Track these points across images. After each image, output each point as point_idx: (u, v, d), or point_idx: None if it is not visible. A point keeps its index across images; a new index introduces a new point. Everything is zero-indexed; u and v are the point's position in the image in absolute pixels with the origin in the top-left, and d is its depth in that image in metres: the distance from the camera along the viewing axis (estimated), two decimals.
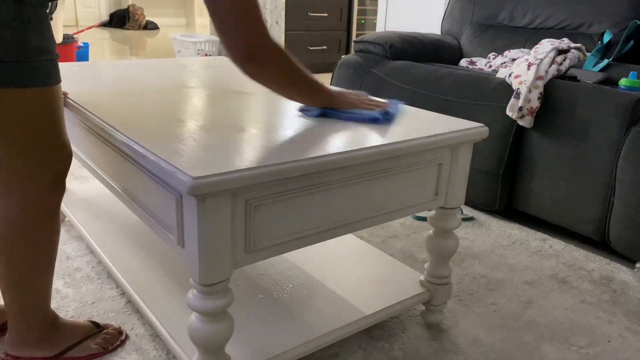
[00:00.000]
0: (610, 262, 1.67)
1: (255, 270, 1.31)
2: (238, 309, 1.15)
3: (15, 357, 1.10)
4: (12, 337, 1.09)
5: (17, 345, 1.09)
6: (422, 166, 1.06)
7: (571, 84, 1.74)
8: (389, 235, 1.78)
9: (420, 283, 1.27)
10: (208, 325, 0.87)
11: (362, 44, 2.49)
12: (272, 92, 1.01)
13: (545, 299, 1.46)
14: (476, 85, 1.94)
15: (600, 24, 2.19)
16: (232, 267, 0.85)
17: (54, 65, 0.92)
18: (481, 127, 1.11)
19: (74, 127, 1.23)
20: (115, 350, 1.17)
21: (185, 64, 1.69)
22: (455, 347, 1.24)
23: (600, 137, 1.63)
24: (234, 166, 0.79)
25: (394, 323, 1.31)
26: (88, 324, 1.19)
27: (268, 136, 0.95)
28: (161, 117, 1.05)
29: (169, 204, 0.86)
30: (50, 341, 1.11)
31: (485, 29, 2.58)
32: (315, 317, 1.13)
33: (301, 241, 0.92)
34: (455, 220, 1.18)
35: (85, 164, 1.23)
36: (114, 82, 1.35)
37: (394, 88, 2.18)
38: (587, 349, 1.26)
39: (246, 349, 1.02)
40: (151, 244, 1.42)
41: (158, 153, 0.83)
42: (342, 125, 1.05)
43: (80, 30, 4.63)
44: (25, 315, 1.07)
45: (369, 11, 4.94)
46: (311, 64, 4.71)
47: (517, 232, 1.85)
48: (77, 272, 1.46)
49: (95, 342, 1.15)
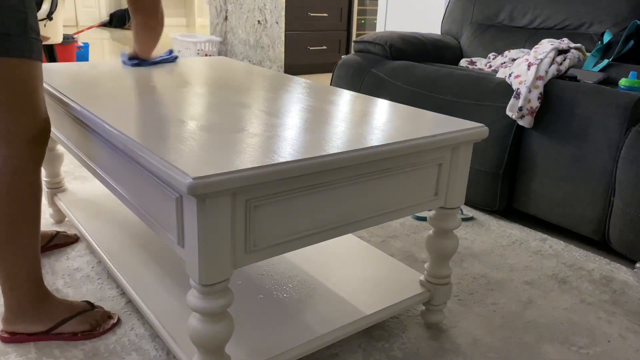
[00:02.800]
0: (610, 262, 1.67)
1: (255, 270, 1.31)
2: (238, 309, 1.15)
3: (12, 332, 1.16)
4: (7, 313, 1.16)
5: (13, 321, 1.16)
6: (422, 166, 1.06)
7: (571, 84, 1.74)
8: (389, 235, 1.78)
9: (420, 283, 1.27)
10: (208, 325, 0.87)
11: (362, 44, 2.49)
12: (137, 27, 1.44)
13: (545, 299, 1.46)
14: (476, 85, 1.94)
15: (600, 24, 2.19)
16: (232, 267, 0.85)
17: (41, 44, 1.09)
18: (481, 127, 1.11)
19: (74, 126, 1.23)
20: (105, 333, 1.21)
21: (185, 64, 1.69)
22: (455, 347, 1.24)
23: (600, 137, 1.63)
24: (234, 166, 0.79)
25: (394, 323, 1.31)
26: (82, 302, 1.24)
27: (268, 136, 0.95)
28: (161, 117, 1.05)
29: (169, 204, 0.86)
30: (44, 315, 1.17)
31: (485, 29, 2.58)
32: (315, 317, 1.13)
33: (301, 241, 0.92)
34: (455, 220, 1.18)
35: (85, 164, 1.23)
36: (114, 82, 1.35)
37: (394, 88, 2.18)
38: (587, 349, 1.26)
39: (246, 349, 1.02)
40: (151, 244, 1.42)
41: (158, 153, 0.83)
42: (342, 125, 1.05)
43: (80, 30, 4.63)
44: (16, 281, 1.12)
45: (369, 11, 4.94)
46: (311, 64, 4.71)
47: (517, 232, 1.85)
48: (77, 272, 1.46)
49: (86, 320, 1.20)
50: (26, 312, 1.15)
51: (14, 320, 1.16)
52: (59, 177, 1.72)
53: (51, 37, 2.79)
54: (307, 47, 4.64)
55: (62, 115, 1.30)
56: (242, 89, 1.35)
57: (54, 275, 1.44)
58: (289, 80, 1.50)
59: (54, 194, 1.72)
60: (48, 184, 1.71)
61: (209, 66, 1.69)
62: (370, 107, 1.23)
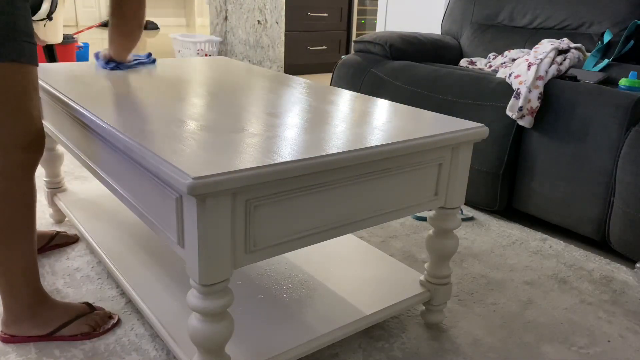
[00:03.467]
0: (610, 262, 1.67)
1: (255, 270, 1.31)
2: (238, 309, 1.15)
3: (11, 335, 1.16)
4: (6, 316, 1.15)
5: (12, 324, 1.15)
6: (422, 166, 1.06)
7: (571, 84, 1.74)
8: (389, 235, 1.78)
9: (420, 283, 1.27)
10: (208, 325, 0.87)
11: (362, 44, 2.49)
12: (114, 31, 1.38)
13: (545, 299, 1.46)
14: (476, 85, 1.94)
15: (600, 24, 2.19)
16: (232, 267, 0.85)
17: (36, 48, 1.06)
18: (481, 127, 1.11)
19: (74, 126, 1.23)
20: (105, 333, 1.21)
21: (185, 64, 1.69)
22: (455, 347, 1.24)
23: (600, 137, 1.63)
24: (234, 166, 0.79)
25: (394, 323, 1.31)
26: (81, 305, 1.23)
27: (268, 136, 0.95)
28: (161, 117, 1.05)
29: (169, 204, 0.86)
30: (43, 319, 1.16)
31: (485, 29, 2.58)
32: (315, 317, 1.13)
33: (301, 241, 0.92)
34: (455, 220, 1.18)
35: (85, 164, 1.23)
36: (114, 82, 1.35)
37: (394, 88, 2.18)
38: (587, 349, 1.26)
39: (246, 349, 1.02)
40: (151, 244, 1.42)
41: (158, 153, 0.83)
42: (342, 125, 1.05)
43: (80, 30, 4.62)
44: (13, 286, 1.12)
45: (369, 11, 4.94)
46: (311, 64, 4.71)
47: (517, 232, 1.85)
48: (77, 272, 1.46)
49: (86, 322, 1.20)
50: (25, 316, 1.15)
51: (13, 324, 1.16)
52: (59, 177, 1.72)
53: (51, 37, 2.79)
54: (307, 47, 4.64)
55: (62, 115, 1.30)
56: (242, 89, 1.35)
57: (54, 275, 1.44)
58: (289, 80, 1.50)
59: (54, 194, 1.72)
60: (48, 184, 1.71)
61: (209, 66, 1.69)
62: (370, 107, 1.23)
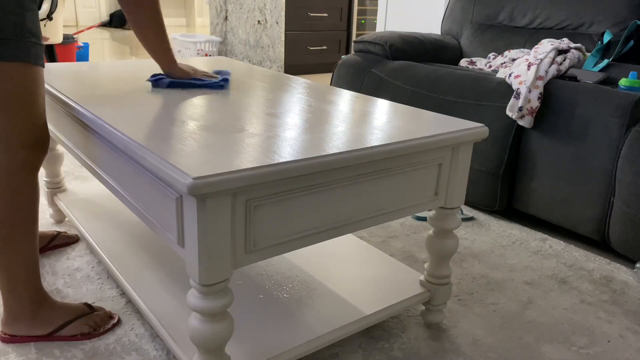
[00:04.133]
0: (610, 262, 1.67)
1: (255, 270, 1.31)
2: (238, 309, 1.15)
3: (11, 335, 1.16)
4: (7, 315, 1.16)
5: (12, 324, 1.16)
6: (422, 166, 1.06)
7: (571, 84, 1.74)
8: (389, 235, 1.78)
9: (420, 283, 1.27)
10: (208, 325, 0.87)
11: (362, 44, 2.49)
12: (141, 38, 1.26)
13: (545, 299, 1.46)
14: (476, 85, 1.94)
15: (600, 24, 2.19)
16: (232, 267, 0.85)
17: (42, 49, 1.06)
18: (481, 127, 1.11)
19: (74, 126, 1.23)
20: (105, 333, 1.21)
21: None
22: (455, 347, 1.24)
23: (600, 137, 1.63)
24: (234, 166, 0.79)
25: (394, 323, 1.31)
26: (81, 305, 1.24)
27: (268, 136, 0.95)
28: (161, 117, 1.05)
29: (169, 204, 0.86)
30: (43, 319, 1.17)
31: (485, 29, 2.58)
32: (315, 317, 1.13)
33: (301, 241, 0.92)
34: (455, 220, 1.18)
35: (85, 164, 1.23)
36: (114, 82, 1.35)
37: (394, 88, 2.18)
38: (587, 349, 1.26)
39: (246, 349, 1.02)
40: (151, 244, 1.42)
41: (158, 153, 0.83)
42: (342, 125, 1.05)
43: (80, 30, 4.63)
44: (14, 286, 1.12)
45: (369, 11, 4.94)
46: (311, 64, 4.71)
47: (517, 232, 1.85)
48: (77, 272, 1.46)
49: (86, 322, 1.20)
50: (25, 316, 1.16)
51: (13, 324, 1.16)
52: (59, 177, 1.72)
53: (51, 37, 2.79)
54: (307, 47, 4.64)
55: (62, 115, 1.30)
56: (242, 89, 1.35)
57: (54, 275, 1.44)
58: (289, 80, 1.50)
59: (54, 194, 1.72)
60: (48, 184, 1.71)
61: (209, 66, 1.69)
62: (370, 107, 1.23)
